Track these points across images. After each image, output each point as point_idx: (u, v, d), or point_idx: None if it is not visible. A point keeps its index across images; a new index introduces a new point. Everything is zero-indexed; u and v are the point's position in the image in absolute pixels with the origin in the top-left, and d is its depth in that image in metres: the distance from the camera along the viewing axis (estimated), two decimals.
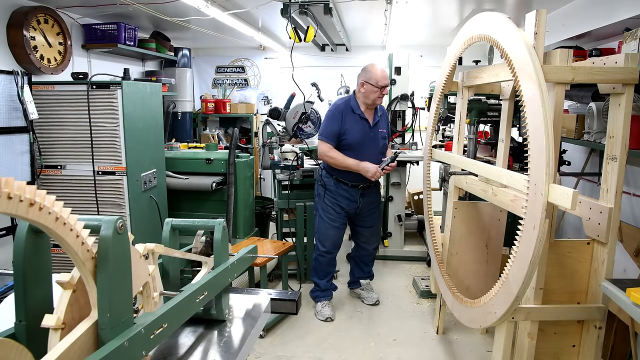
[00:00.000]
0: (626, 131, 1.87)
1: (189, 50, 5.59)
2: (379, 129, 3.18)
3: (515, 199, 1.99)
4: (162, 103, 3.65)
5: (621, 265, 2.57)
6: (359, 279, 3.56)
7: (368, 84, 3.04)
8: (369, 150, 3.11)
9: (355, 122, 3.10)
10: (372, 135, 3.14)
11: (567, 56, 1.85)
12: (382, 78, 3.04)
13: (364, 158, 3.06)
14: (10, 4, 3.09)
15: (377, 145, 3.18)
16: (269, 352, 2.85)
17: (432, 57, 5.74)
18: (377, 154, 3.15)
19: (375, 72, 3.04)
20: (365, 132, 3.11)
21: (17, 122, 3.09)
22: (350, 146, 3.09)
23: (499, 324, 2.00)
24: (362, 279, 3.56)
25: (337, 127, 3.07)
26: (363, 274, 3.54)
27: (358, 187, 3.17)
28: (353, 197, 3.19)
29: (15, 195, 0.68)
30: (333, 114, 3.12)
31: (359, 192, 3.19)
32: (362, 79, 3.07)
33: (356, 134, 3.09)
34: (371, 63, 3.12)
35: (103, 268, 0.85)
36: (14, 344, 0.79)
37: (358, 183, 3.15)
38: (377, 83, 3.03)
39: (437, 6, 3.69)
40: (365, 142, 3.11)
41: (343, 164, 3.06)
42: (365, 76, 3.06)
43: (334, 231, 3.26)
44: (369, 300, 3.48)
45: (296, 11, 3.07)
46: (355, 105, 3.12)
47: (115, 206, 3.16)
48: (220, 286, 1.32)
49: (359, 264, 3.54)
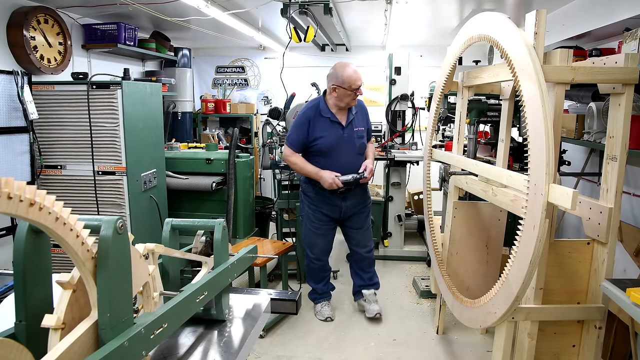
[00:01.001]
0: (626, 131, 1.87)
1: (189, 50, 5.59)
2: (354, 127, 2.99)
3: (515, 199, 1.99)
4: (162, 103, 3.65)
5: (621, 265, 2.57)
6: (361, 289, 3.33)
7: (341, 88, 2.85)
8: (344, 153, 2.95)
9: (326, 127, 2.93)
10: (345, 136, 2.96)
11: (567, 56, 1.86)
12: (356, 80, 2.84)
13: (338, 162, 2.92)
14: (10, 4, 3.08)
15: (353, 146, 2.99)
16: (269, 352, 2.85)
17: (432, 57, 5.74)
18: (353, 156, 2.99)
19: (348, 75, 2.83)
20: (337, 135, 2.94)
21: (17, 122, 3.09)
22: (321, 152, 2.95)
23: (499, 324, 2.00)
24: (364, 288, 3.32)
25: (303, 136, 2.93)
26: (363, 282, 3.31)
27: (337, 192, 2.99)
28: (334, 202, 3.05)
29: (15, 195, 0.68)
30: (299, 121, 2.96)
31: (340, 196, 3.03)
32: (333, 82, 2.87)
33: (327, 139, 2.92)
34: (341, 63, 2.91)
35: (103, 268, 0.85)
36: (14, 344, 0.79)
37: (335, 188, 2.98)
38: (351, 87, 2.84)
39: (437, 6, 3.69)
40: (338, 145, 2.94)
41: (303, 170, 2.97)
42: (336, 80, 2.86)
43: (320, 239, 3.15)
44: (369, 312, 3.23)
45: (296, 11, 3.07)
46: (325, 108, 2.94)
47: (115, 206, 3.16)
48: (220, 286, 1.32)
49: (355, 269, 3.34)
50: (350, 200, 3.08)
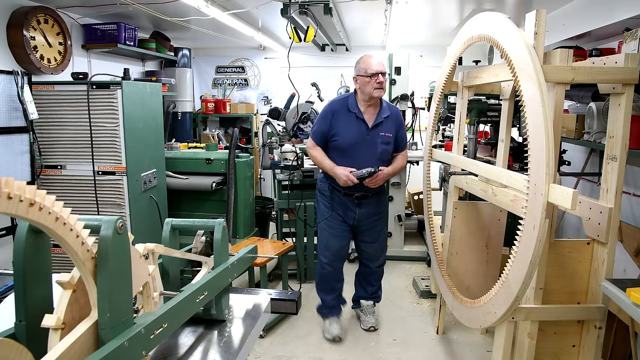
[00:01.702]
0: (626, 131, 1.87)
1: (189, 50, 5.59)
2: (380, 132, 2.80)
3: (515, 199, 1.99)
4: (162, 103, 3.65)
5: (621, 265, 2.57)
6: (360, 299, 3.19)
7: (359, 76, 2.75)
8: (364, 155, 2.77)
9: (349, 123, 2.79)
10: (369, 138, 2.79)
11: (567, 56, 1.85)
12: (372, 65, 2.69)
13: (357, 163, 2.74)
14: (10, 4, 3.08)
15: (375, 151, 2.80)
16: (269, 352, 2.85)
17: (432, 57, 5.74)
18: (373, 161, 2.77)
19: (365, 61, 2.73)
20: (360, 134, 2.78)
21: (17, 122, 3.09)
22: (340, 148, 2.81)
23: (499, 324, 2.00)
24: (363, 299, 3.18)
25: (325, 127, 2.81)
26: (365, 293, 3.16)
27: (352, 196, 2.85)
28: (348, 206, 2.89)
29: (15, 195, 0.68)
30: (324, 113, 2.87)
31: (354, 201, 2.87)
32: (354, 73, 2.80)
33: (348, 136, 2.78)
34: (363, 56, 2.82)
35: (103, 268, 0.85)
36: (14, 344, 0.80)
37: (351, 192, 2.83)
38: (367, 71, 2.69)
39: (437, 6, 3.69)
40: (359, 145, 2.78)
41: (320, 164, 2.85)
42: (356, 70, 2.79)
43: (335, 240, 2.94)
44: (364, 324, 3.11)
45: (296, 11, 3.07)
46: (353, 103, 2.81)
47: (115, 206, 3.16)
48: (220, 286, 1.32)
49: (361, 281, 3.17)
50: (365, 207, 2.90)
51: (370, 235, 2.99)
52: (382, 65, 2.73)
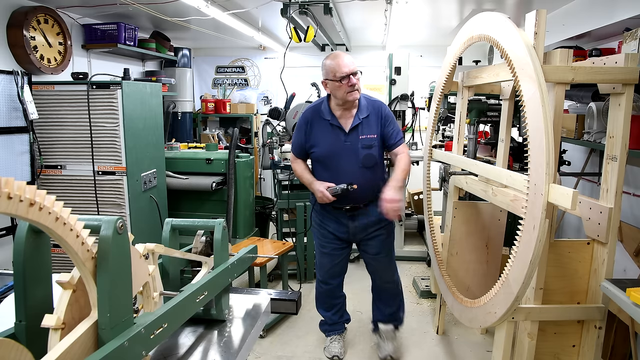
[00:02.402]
0: (626, 131, 1.87)
1: (189, 50, 5.59)
2: (360, 135, 2.48)
3: (515, 199, 1.99)
4: (162, 103, 3.65)
5: (621, 265, 2.57)
6: (378, 322, 2.86)
7: (328, 80, 2.44)
8: (345, 165, 2.48)
9: (324, 131, 2.51)
10: (347, 145, 2.48)
11: (567, 56, 1.86)
12: (341, 66, 2.36)
13: (339, 173, 2.48)
14: (10, 4, 3.08)
15: (356, 158, 2.47)
16: (269, 352, 2.85)
17: (432, 57, 5.74)
18: (356, 170, 2.47)
19: (332, 63, 2.39)
20: (336, 142, 2.49)
21: (17, 122, 3.09)
22: (319, 160, 2.56)
23: (499, 324, 2.00)
24: (381, 322, 2.84)
25: (301, 139, 2.58)
26: (381, 316, 2.83)
27: (342, 209, 2.57)
28: (340, 220, 2.61)
29: (15, 195, 0.68)
30: (299, 123, 2.61)
31: (347, 214, 2.58)
32: (322, 77, 2.49)
33: (324, 146, 2.51)
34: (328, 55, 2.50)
35: (103, 268, 0.85)
36: (14, 344, 0.79)
37: (340, 205, 2.54)
38: (336, 74, 2.37)
39: (437, 6, 3.69)
40: (338, 154, 2.49)
41: (300, 178, 2.64)
42: (323, 73, 2.47)
43: (325, 259, 2.71)
44: (381, 351, 2.78)
45: (296, 11, 3.08)
46: (326, 109, 2.51)
47: (115, 206, 3.16)
48: (220, 286, 1.32)
49: (375, 301, 2.87)
50: (360, 220, 2.59)
51: (372, 247, 2.66)
52: (352, 63, 2.40)
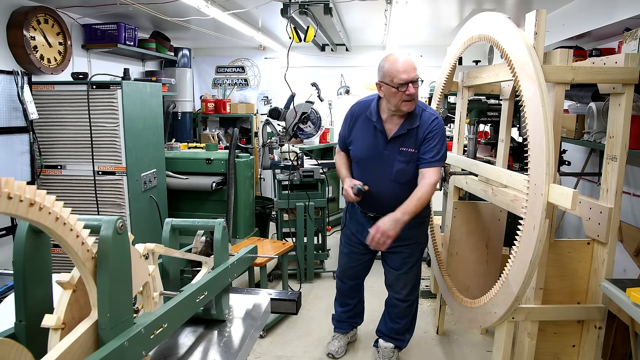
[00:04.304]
0: (626, 131, 1.87)
1: (189, 50, 5.59)
2: (400, 146, 2.27)
3: (515, 199, 1.99)
4: (162, 103, 3.65)
5: (621, 265, 2.57)
6: (379, 335, 2.74)
7: (383, 84, 2.21)
8: (376, 174, 2.33)
9: (366, 131, 2.35)
10: (385, 153, 2.30)
11: (567, 56, 1.86)
12: (400, 71, 2.13)
13: (371, 180, 2.32)
14: (10, 4, 3.08)
15: (389, 170, 2.29)
16: (269, 352, 2.85)
17: (432, 57, 5.74)
18: (386, 181, 2.31)
19: (390, 65, 2.17)
20: (374, 147, 2.32)
21: (17, 122, 3.09)
22: (355, 160, 2.44)
23: (499, 324, 2.00)
24: (382, 336, 2.72)
25: (344, 132, 2.47)
26: (384, 328, 2.70)
27: (367, 215, 2.45)
28: (365, 226, 2.42)
29: (15, 195, 0.68)
30: (346, 116, 2.48)
31: (371, 222, 2.36)
32: (378, 77, 2.26)
33: (361, 147, 2.36)
34: (388, 54, 2.25)
35: (103, 268, 0.85)
36: (14, 344, 0.79)
37: (367, 210, 2.43)
38: (393, 80, 2.14)
39: (437, 6, 3.69)
40: (373, 160, 2.33)
41: (338, 172, 2.55)
42: (379, 74, 2.24)
43: (343, 258, 2.68)
44: None
45: (296, 11, 3.08)
46: (374, 109, 2.32)
47: (115, 206, 3.16)
48: (220, 286, 1.32)
49: (385, 312, 2.74)
50: None
51: (391, 261, 2.53)
52: (414, 69, 2.16)
